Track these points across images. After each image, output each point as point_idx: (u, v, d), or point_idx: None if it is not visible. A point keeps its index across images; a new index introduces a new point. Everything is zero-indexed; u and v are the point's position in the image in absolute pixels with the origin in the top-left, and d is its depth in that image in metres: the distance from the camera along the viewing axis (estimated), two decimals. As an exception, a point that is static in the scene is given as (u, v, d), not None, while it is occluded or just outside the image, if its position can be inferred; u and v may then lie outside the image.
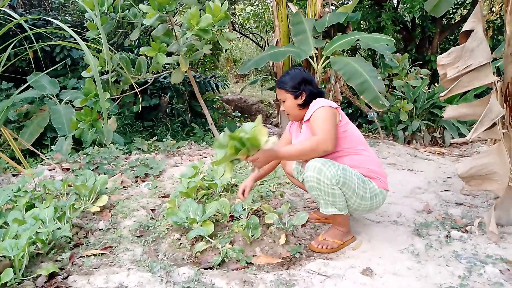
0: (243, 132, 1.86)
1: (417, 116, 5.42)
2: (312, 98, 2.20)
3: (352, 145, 2.15)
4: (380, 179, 2.17)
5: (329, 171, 1.96)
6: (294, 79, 2.22)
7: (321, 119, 2.04)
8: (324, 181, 1.97)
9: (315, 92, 2.22)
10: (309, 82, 2.23)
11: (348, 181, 2.00)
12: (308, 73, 2.28)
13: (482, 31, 2.17)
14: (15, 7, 6.10)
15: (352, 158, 2.14)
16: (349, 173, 2.02)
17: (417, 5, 6.52)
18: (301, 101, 2.21)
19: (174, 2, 3.84)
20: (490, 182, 2.24)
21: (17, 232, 1.96)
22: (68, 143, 4.14)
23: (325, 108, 2.08)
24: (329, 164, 1.98)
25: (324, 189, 2.00)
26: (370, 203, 2.12)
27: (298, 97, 2.21)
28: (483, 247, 2.13)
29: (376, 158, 2.25)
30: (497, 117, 2.08)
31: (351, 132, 2.18)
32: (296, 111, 2.25)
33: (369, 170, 2.14)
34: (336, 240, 2.18)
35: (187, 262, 2.02)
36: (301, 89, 2.20)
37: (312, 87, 2.23)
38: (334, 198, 2.02)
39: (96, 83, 2.86)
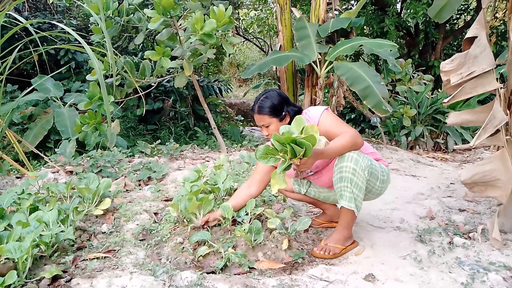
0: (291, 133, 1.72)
1: (420, 121, 5.42)
2: (294, 115, 2.17)
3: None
4: (381, 159, 2.29)
5: (364, 162, 2.02)
6: (274, 102, 2.18)
7: (334, 123, 2.11)
8: (359, 172, 2.01)
9: (297, 109, 2.24)
10: (287, 101, 2.23)
11: (374, 170, 2.11)
12: (282, 92, 2.30)
13: (485, 38, 2.17)
14: (20, 11, 6.15)
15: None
16: (374, 163, 2.13)
17: (420, 10, 6.54)
18: (287, 123, 2.18)
19: (178, 7, 3.87)
20: (493, 188, 2.24)
21: (20, 234, 1.96)
22: (71, 146, 4.16)
23: (325, 112, 2.15)
24: (362, 155, 2.04)
25: (356, 181, 2.02)
26: (385, 185, 2.25)
27: (283, 119, 2.20)
28: (486, 254, 2.12)
29: (373, 149, 2.34)
30: (501, 124, 2.08)
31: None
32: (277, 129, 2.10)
33: (373, 153, 2.26)
34: (338, 245, 2.18)
35: (190, 266, 2.02)
36: (285, 111, 2.20)
37: (291, 106, 2.23)
38: (360, 193, 2.05)
39: (100, 86, 2.88)
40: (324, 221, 2.52)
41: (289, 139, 1.70)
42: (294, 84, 5.83)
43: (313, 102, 5.21)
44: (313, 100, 5.23)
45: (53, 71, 4.50)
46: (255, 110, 2.22)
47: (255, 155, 1.83)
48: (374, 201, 3.02)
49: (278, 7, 5.66)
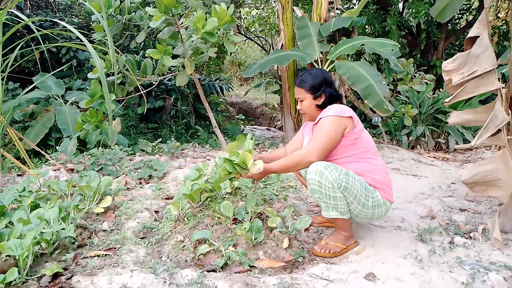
0: (234, 155, 2.08)
1: (422, 121, 5.41)
2: (331, 100, 2.22)
3: (361, 152, 2.16)
4: (385, 190, 2.17)
5: (331, 175, 1.98)
6: (315, 79, 2.22)
7: (322, 130, 2.09)
8: (326, 184, 1.99)
9: (335, 95, 2.24)
10: (329, 83, 2.24)
11: (351, 186, 2.01)
12: (329, 75, 2.29)
13: (487, 38, 2.17)
14: (22, 8, 6.16)
15: (358, 165, 2.14)
16: (352, 178, 2.03)
17: (422, 10, 6.52)
18: (320, 102, 2.23)
19: (180, 5, 3.86)
20: (495, 188, 2.24)
21: (21, 232, 1.97)
22: (73, 144, 4.16)
23: (333, 118, 2.09)
24: (332, 168, 1.99)
25: (325, 192, 2.02)
26: (371, 212, 2.12)
27: (317, 98, 2.23)
28: (487, 253, 2.12)
29: (384, 169, 2.23)
30: (502, 124, 2.08)
31: (364, 140, 2.18)
32: (313, 111, 2.26)
33: (374, 179, 2.14)
34: (339, 244, 2.18)
35: (190, 264, 2.03)
36: (321, 90, 2.21)
37: (332, 89, 2.24)
38: (336, 201, 2.04)
39: (102, 84, 2.87)
40: (325, 219, 2.52)
41: (228, 161, 2.09)
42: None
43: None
44: (314, 99, 5.22)
45: (54, 69, 4.50)
46: (296, 83, 2.30)
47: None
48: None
49: (280, 6, 5.65)
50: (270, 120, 11.20)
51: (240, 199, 2.61)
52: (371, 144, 2.23)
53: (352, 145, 2.14)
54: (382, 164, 2.24)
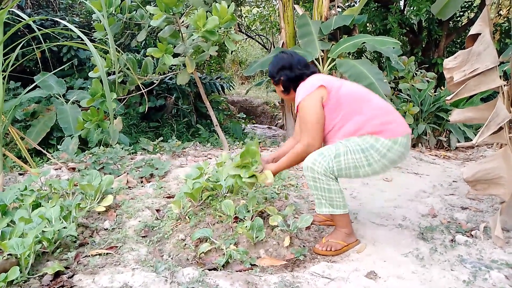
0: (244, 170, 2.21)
1: (423, 119, 5.40)
2: (290, 82, 2.24)
3: (351, 108, 2.09)
4: (389, 128, 2.04)
5: (321, 166, 2.02)
6: (273, 68, 2.28)
7: (304, 117, 2.11)
8: (319, 177, 2.04)
9: (293, 76, 2.22)
10: (287, 67, 2.23)
11: (344, 164, 2.02)
12: (289, 57, 2.26)
13: (489, 35, 2.16)
14: (23, 8, 6.16)
15: (354, 122, 2.07)
16: (343, 156, 2.02)
17: (423, 8, 6.50)
18: (282, 88, 2.28)
19: (181, 4, 3.86)
20: (496, 186, 2.23)
21: (23, 230, 1.97)
22: (74, 143, 4.17)
23: (305, 100, 2.10)
24: (319, 159, 2.03)
25: (320, 186, 2.06)
26: (387, 159, 2.03)
27: (278, 84, 2.29)
28: (488, 252, 2.11)
29: (381, 107, 2.11)
30: (504, 121, 2.07)
31: (347, 95, 2.11)
32: (285, 96, 2.34)
33: (373, 126, 2.04)
34: (340, 241, 2.17)
35: (192, 263, 2.03)
36: (278, 76, 2.25)
37: (291, 71, 2.22)
38: (331, 194, 2.07)
39: (103, 83, 2.88)
40: (326, 217, 2.52)
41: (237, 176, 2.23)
42: (297, 82, 5.82)
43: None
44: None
45: (55, 68, 4.50)
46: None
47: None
48: (376, 199, 3.04)
49: (281, 4, 5.64)
50: (271, 118, 11.20)
51: (241, 198, 2.61)
52: (357, 93, 2.16)
53: (338, 107, 2.09)
54: (377, 104, 2.12)
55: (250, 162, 2.20)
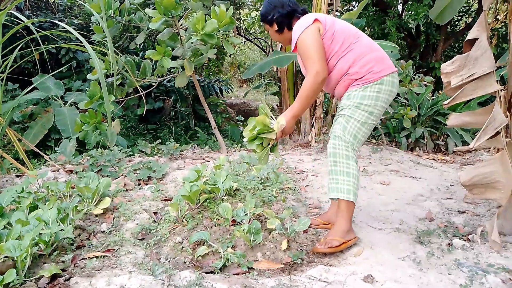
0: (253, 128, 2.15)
1: (421, 123, 5.41)
2: (284, 19, 2.28)
3: (344, 43, 2.19)
4: (375, 66, 2.17)
5: (341, 148, 2.18)
6: (266, 10, 2.31)
7: (305, 50, 2.14)
8: (340, 160, 2.18)
9: (285, 13, 2.27)
10: (279, 5, 2.27)
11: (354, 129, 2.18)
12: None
13: (486, 40, 2.17)
14: (22, 9, 6.16)
15: (343, 60, 2.19)
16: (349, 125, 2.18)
17: (421, 12, 6.54)
18: (277, 27, 2.31)
19: (180, 7, 3.87)
20: (493, 190, 2.24)
21: (20, 233, 1.97)
22: (72, 145, 4.17)
23: (303, 34, 2.14)
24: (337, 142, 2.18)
25: (340, 169, 2.18)
26: (380, 102, 2.19)
27: (272, 24, 2.31)
28: (485, 256, 2.12)
29: (369, 45, 2.23)
30: (501, 126, 2.08)
31: (339, 29, 2.20)
32: (279, 37, 2.37)
33: (364, 64, 2.16)
34: (337, 238, 2.18)
35: (189, 266, 2.03)
36: (271, 16, 2.29)
37: (283, 8, 2.26)
38: (344, 176, 2.18)
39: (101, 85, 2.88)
40: (323, 221, 2.52)
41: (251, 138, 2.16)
42: (295, 85, 5.84)
43: (313, 103, 5.21)
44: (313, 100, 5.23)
45: (54, 70, 4.50)
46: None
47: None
48: (374, 202, 3.04)
49: (279, 7, 5.65)
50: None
51: (239, 201, 2.61)
52: (348, 29, 2.24)
53: (333, 42, 2.18)
54: (364, 42, 2.23)
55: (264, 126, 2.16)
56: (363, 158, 4.53)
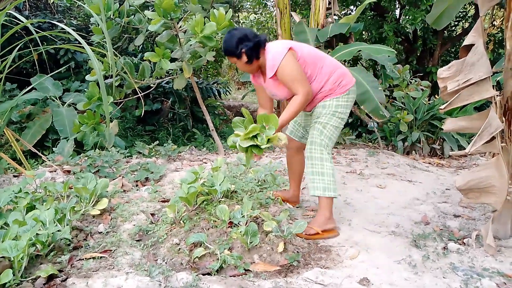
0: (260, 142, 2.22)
1: (417, 127, 5.44)
2: (252, 51, 2.38)
3: (312, 69, 2.44)
4: (342, 85, 2.48)
5: (316, 151, 2.46)
6: (231, 44, 2.39)
7: (291, 75, 2.34)
8: (315, 162, 2.46)
9: (252, 45, 2.37)
10: (244, 39, 2.37)
11: (330, 133, 2.48)
12: (241, 30, 2.45)
13: (482, 46, 2.19)
14: (21, 10, 6.16)
15: (316, 81, 2.46)
16: (325, 130, 2.47)
17: (419, 17, 6.58)
18: (246, 59, 2.40)
19: (179, 9, 3.88)
20: (488, 195, 2.26)
21: (17, 233, 1.96)
22: (69, 146, 4.16)
23: (284, 61, 2.32)
24: (313, 146, 2.46)
25: (315, 170, 2.46)
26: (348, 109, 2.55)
27: (240, 57, 2.40)
28: (480, 260, 2.14)
29: (335, 64, 2.53)
30: (496, 131, 2.10)
31: (308, 58, 2.43)
32: (248, 68, 2.48)
33: (337, 79, 2.47)
34: (315, 227, 2.42)
35: (186, 267, 2.03)
36: (239, 50, 2.37)
37: (248, 41, 2.36)
38: (323, 176, 2.45)
39: (99, 86, 2.88)
40: (282, 196, 2.83)
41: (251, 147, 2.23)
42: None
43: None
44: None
45: (52, 71, 4.51)
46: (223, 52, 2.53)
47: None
48: (370, 206, 3.06)
49: (278, 11, 5.69)
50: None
51: (236, 203, 2.62)
52: (313, 54, 2.47)
53: (306, 66, 2.41)
54: (329, 63, 2.50)
55: (259, 128, 2.22)
56: (359, 161, 4.55)
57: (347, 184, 3.65)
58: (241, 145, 2.21)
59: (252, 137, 2.21)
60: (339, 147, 5.50)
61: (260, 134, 2.20)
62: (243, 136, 2.21)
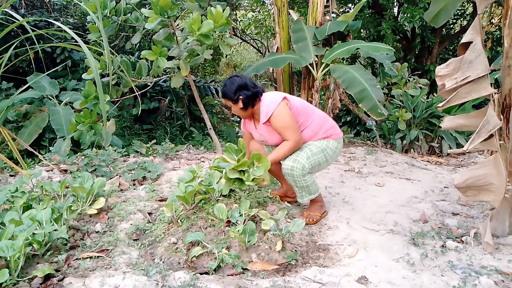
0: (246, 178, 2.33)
1: (415, 125, 5.44)
2: (249, 100, 2.56)
3: (304, 118, 2.60)
4: (334, 132, 2.67)
5: (297, 170, 2.51)
6: (230, 89, 2.55)
7: (284, 122, 2.48)
8: (297, 179, 2.55)
9: (250, 94, 2.55)
10: (243, 87, 2.54)
11: (313, 161, 2.55)
12: (242, 79, 2.60)
13: (480, 43, 2.19)
14: (17, 8, 6.12)
15: (309, 129, 2.61)
16: (311, 156, 2.55)
17: (417, 15, 6.57)
18: (241, 105, 2.57)
19: (176, 7, 3.86)
20: (487, 193, 2.25)
21: (13, 233, 1.95)
22: (66, 145, 4.14)
23: (278, 110, 2.48)
24: (295, 165, 2.50)
25: (300, 185, 2.58)
26: (335, 155, 2.68)
27: (237, 102, 2.57)
28: (478, 257, 2.13)
29: (324, 116, 2.71)
30: (494, 129, 2.10)
31: (300, 107, 2.59)
32: (242, 113, 2.64)
33: (324, 132, 2.63)
34: (317, 213, 2.72)
35: (183, 267, 2.02)
36: (237, 96, 2.54)
37: (247, 90, 2.54)
38: (308, 187, 2.61)
39: (96, 85, 2.87)
40: (280, 193, 2.94)
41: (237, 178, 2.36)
42: (291, 86, 5.85)
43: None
44: (309, 102, 5.24)
45: (49, 69, 4.48)
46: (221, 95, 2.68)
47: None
48: (368, 204, 3.06)
49: (276, 9, 5.67)
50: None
51: (234, 202, 2.61)
52: (305, 106, 2.65)
53: (298, 115, 2.56)
54: (320, 114, 2.70)
55: (248, 164, 2.33)
56: (358, 159, 4.55)
57: (346, 183, 3.64)
58: (227, 174, 2.33)
59: (240, 170, 2.32)
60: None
61: (248, 171, 2.32)
62: (232, 167, 2.31)
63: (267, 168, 2.34)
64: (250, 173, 2.31)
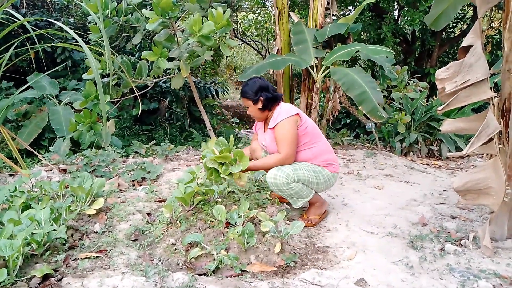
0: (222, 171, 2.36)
1: (415, 128, 5.45)
2: (269, 102, 2.59)
3: (310, 140, 2.60)
4: (333, 165, 2.66)
5: (280, 179, 2.44)
6: (252, 88, 2.59)
7: (284, 134, 2.48)
8: (282, 188, 2.48)
9: (271, 96, 2.59)
10: (265, 88, 2.59)
11: (301, 175, 2.50)
12: (264, 81, 2.66)
13: (480, 47, 2.19)
14: (18, 8, 6.12)
15: (310, 150, 2.60)
16: (300, 170, 2.50)
17: (417, 18, 6.58)
18: (260, 106, 2.60)
19: (177, 8, 3.87)
20: (486, 196, 2.26)
21: (12, 232, 1.95)
22: (66, 145, 4.15)
23: (286, 120, 2.49)
24: (279, 173, 2.45)
25: (287, 193, 2.53)
26: (325, 185, 2.65)
27: (256, 102, 2.59)
28: (477, 261, 2.13)
29: (329, 146, 2.71)
30: (494, 132, 2.10)
31: (310, 128, 2.60)
32: (258, 114, 2.66)
33: (323, 160, 2.62)
34: (316, 216, 2.71)
35: (182, 268, 2.02)
36: (258, 96, 2.57)
37: (268, 92, 2.59)
38: (297, 193, 2.53)
39: (96, 85, 2.87)
40: (280, 196, 2.86)
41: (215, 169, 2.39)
42: (291, 88, 5.85)
43: (309, 106, 5.22)
44: (309, 104, 5.25)
45: (49, 69, 4.48)
46: (240, 94, 2.69)
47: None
48: (367, 206, 3.05)
49: (277, 11, 5.68)
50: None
51: (233, 203, 2.61)
52: (315, 129, 2.66)
53: (303, 135, 2.57)
54: (326, 143, 2.70)
55: (230, 159, 2.35)
56: (357, 162, 4.55)
57: (345, 185, 3.64)
58: (206, 163, 2.36)
59: (220, 162, 2.35)
60: (337, 148, 5.50)
61: (227, 164, 2.35)
62: (213, 157, 2.35)
63: (244, 168, 2.35)
64: (228, 168, 2.33)
